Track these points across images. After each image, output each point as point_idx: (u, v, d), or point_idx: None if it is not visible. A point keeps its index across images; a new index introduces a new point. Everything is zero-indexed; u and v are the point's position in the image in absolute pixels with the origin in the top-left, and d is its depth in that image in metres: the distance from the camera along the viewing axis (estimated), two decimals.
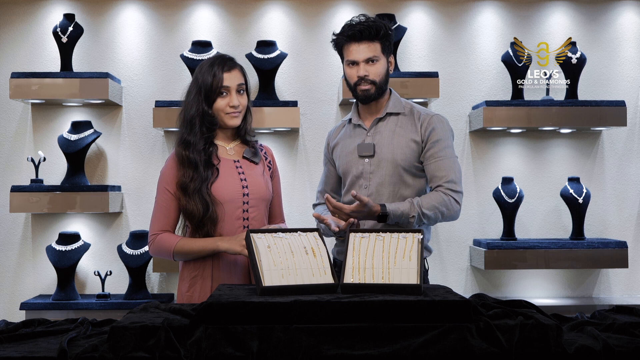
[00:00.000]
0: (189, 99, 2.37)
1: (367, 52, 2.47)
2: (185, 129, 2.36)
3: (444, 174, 2.47)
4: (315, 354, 1.63)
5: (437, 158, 2.49)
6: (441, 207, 2.43)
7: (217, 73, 2.34)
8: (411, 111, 2.57)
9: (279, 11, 4.15)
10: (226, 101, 2.36)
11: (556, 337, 1.68)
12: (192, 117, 2.34)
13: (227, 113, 2.36)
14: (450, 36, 4.18)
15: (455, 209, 2.47)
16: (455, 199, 2.46)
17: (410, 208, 2.40)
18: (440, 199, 2.43)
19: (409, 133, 2.52)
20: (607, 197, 4.15)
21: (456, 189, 2.47)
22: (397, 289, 1.83)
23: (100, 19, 4.11)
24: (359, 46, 2.47)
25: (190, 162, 2.32)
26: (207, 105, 2.34)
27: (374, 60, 2.48)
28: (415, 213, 2.39)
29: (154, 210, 2.39)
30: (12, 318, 3.55)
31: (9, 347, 1.77)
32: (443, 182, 2.46)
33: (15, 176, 4.04)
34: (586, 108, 3.88)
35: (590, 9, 4.20)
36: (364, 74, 2.47)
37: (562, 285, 4.12)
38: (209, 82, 2.33)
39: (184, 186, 2.31)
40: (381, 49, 2.49)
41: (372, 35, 2.46)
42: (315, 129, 4.11)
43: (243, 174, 2.40)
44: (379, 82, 2.50)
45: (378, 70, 2.49)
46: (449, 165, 2.48)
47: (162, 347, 1.66)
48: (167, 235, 2.35)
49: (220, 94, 2.35)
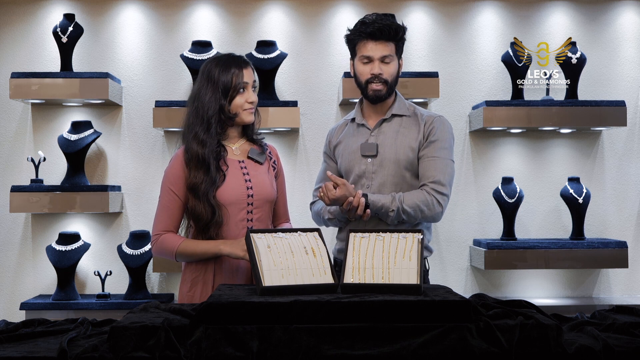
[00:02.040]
0: (204, 99, 2.36)
1: (384, 51, 2.47)
2: (201, 127, 2.35)
3: (433, 174, 2.45)
4: (315, 354, 1.63)
5: (430, 157, 2.47)
6: (422, 205, 2.42)
7: (236, 71, 2.37)
8: (415, 113, 2.57)
9: (279, 11, 4.15)
10: (245, 97, 2.38)
11: (556, 337, 1.68)
12: (210, 117, 2.35)
13: (245, 109, 2.39)
14: (450, 36, 4.18)
15: (436, 210, 2.44)
16: (438, 200, 2.44)
17: (391, 202, 2.40)
18: (423, 198, 2.42)
19: (412, 134, 2.52)
20: (607, 197, 4.15)
21: (441, 190, 2.44)
22: (397, 289, 1.83)
23: (100, 19, 4.11)
24: (376, 44, 2.47)
25: (203, 162, 2.32)
26: (228, 102, 2.36)
27: (388, 59, 2.48)
28: (395, 207, 2.39)
29: (157, 209, 2.39)
30: (12, 318, 3.55)
31: (9, 347, 1.77)
32: (429, 181, 2.45)
33: (15, 176, 4.04)
34: (586, 108, 3.87)
35: (590, 9, 4.20)
36: (379, 72, 2.47)
37: (562, 285, 4.12)
38: (228, 80, 2.35)
39: (194, 188, 2.31)
40: (395, 50, 2.50)
41: (390, 35, 2.46)
42: (315, 129, 4.11)
43: (248, 175, 2.40)
44: (390, 82, 2.50)
45: (391, 70, 2.49)
46: (440, 166, 2.47)
47: (162, 347, 1.66)
48: (170, 236, 2.35)
49: (239, 91, 2.37)
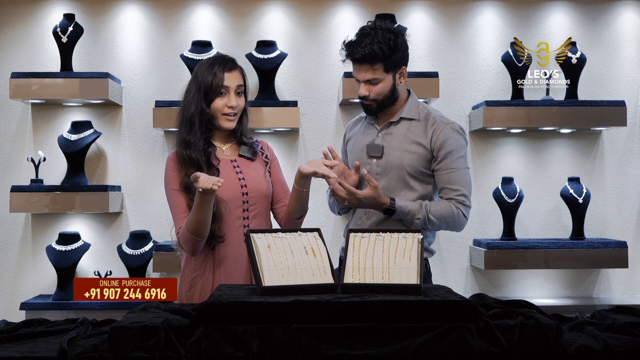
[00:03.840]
0: (188, 97, 2.35)
1: (367, 75, 2.45)
2: (184, 128, 2.34)
3: (457, 187, 2.48)
4: (315, 354, 1.63)
5: (449, 169, 2.48)
6: (449, 218, 2.46)
7: (218, 72, 2.33)
8: (426, 117, 2.54)
9: (279, 11, 4.15)
10: (224, 101, 2.34)
11: (556, 337, 1.68)
12: (191, 116, 2.33)
13: (223, 114, 2.35)
14: (450, 36, 4.17)
15: (462, 223, 2.50)
16: (464, 213, 2.48)
17: (419, 210, 2.43)
18: (450, 211, 2.46)
19: (418, 139, 2.50)
20: (607, 197, 4.15)
21: (467, 203, 2.49)
22: (397, 289, 1.82)
23: (100, 19, 4.11)
24: (360, 67, 2.46)
25: (192, 162, 2.31)
26: (206, 104, 2.33)
27: (373, 82, 2.46)
28: (422, 216, 2.43)
29: (172, 214, 2.36)
30: (12, 318, 3.54)
31: (9, 347, 1.77)
32: (455, 195, 2.47)
33: (15, 176, 4.04)
34: (586, 108, 3.87)
35: (590, 9, 4.20)
36: (365, 94, 2.48)
37: (562, 285, 4.12)
38: (209, 81, 2.32)
39: (188, 186, 2.30)
40: (384, 69, 2.44)
41: (372, 59, 2.42)
42: (315, 129, 4.11)
43: (241, 173, 2.39)
44: (380, 100, 2.49)
45: (379, 90, 2.47)
46: (461, 177, 2.49)
47: (162, 347, 1.66)
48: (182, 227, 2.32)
49: (219, 94, 2.33)
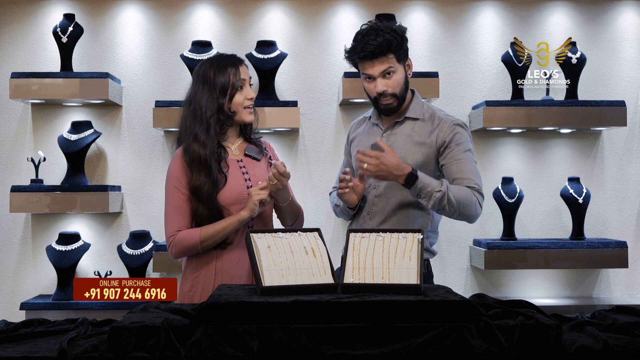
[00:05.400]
0: (201, 101, 2.35)
1: (383, 66, 2.42)
2: (200, 128, 2.34)
3: (470, 177, 2.41)
4: (315, 354, 1.63)
5: (458, 160, 2.43)
6: (467, 203, 2.36)
7: (233, 69, 2.37)
8: (431, 117, 2.52)
9: (279, 11, 4.15)
10: (244, 94, 2.39)
11: (556, 337, 1.68)
12: (208, 118, 2.34)
13: (245, 107, 2.39)
14: (450, 36, 4.18)
15: (477, 213, 2.41)
16: (480, 203, 2.41)
17: (440, 185, 2.33)
18: (470, 197, 2.37)
19: (423, 139, 2.49)
20: (607, 197, 4.15)
21: (482, 193, 2.43)
22: (397, 289, 1.82)
23: (100, 19, 4.11)
24: (374, 63, 2.43)
25: (205, 164, 2.31)
26: (228, 101, 2.36)
27: (390, 72, 2.44)
28: (444, 190, 2.32)
29: (166, 212, 2.37)
30: (12, 318, 3.54)
31: (9, 347, 1.77)
32: (472, 184, 2.40)
33: (15, 176, 4.04)
34: (586, 108, 3.87)
35: (590, 9, 4.20)
36: (383, 89, 2.44)
37: (562, 285, 4.12)
38: (227, 80, 2.35)
39: (197, 190, 2.31)
40: (396, 59, 2.44)
41: (384, 51, 2.41)
42: (315, 129, 4.11)
43: (247, 174, 2.41)
44: (399, 93, 2.47)
45: (396, 81, 2.45)
46: (472, 168, 2.44)
47: (162, 347, 1.66)
48: (185, 232, 2.33)
49: (239, 89, 2.38)
